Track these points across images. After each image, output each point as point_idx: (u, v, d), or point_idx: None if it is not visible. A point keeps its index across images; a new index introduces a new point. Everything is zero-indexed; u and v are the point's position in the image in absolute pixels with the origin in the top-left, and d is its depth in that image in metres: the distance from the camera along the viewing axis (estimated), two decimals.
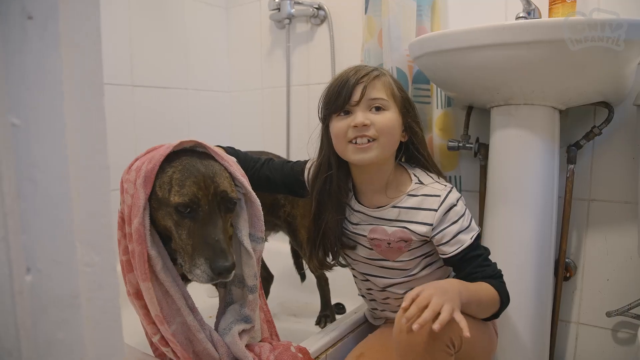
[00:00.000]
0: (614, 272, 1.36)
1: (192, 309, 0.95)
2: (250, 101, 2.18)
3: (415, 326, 0.80)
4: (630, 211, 1.32)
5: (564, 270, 1.38)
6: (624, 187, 1.32)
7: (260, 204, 0.99)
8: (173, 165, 0.90)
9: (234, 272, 0.88)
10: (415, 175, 1.07)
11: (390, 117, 1.01)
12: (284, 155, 1.95)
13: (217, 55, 2.19)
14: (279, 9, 1.93)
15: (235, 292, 1.01)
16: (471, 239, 1.01)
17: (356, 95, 1.00)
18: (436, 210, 1.01)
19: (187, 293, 0.96)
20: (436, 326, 0.79)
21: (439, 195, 1.02)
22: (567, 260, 1.40)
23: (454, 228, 1.01)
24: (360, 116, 0.99)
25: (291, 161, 1.23)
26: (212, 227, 0.88)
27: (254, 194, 0.98)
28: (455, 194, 1.03)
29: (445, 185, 1.05)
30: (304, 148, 1.98)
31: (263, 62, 2.11)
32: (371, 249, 1.10)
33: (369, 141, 0.99)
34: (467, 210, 1.04)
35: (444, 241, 1.01)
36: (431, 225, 1.01)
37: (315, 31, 1.92)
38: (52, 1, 0.39)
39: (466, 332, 0.79)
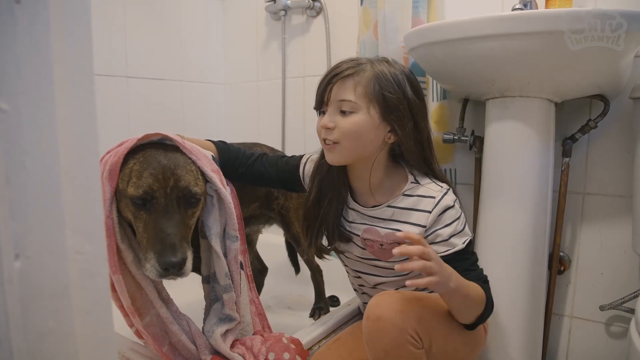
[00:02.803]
0: (608, 266, 1.37)
1: (166, 301, 0.95)
2: (245, 93, 2.17)
3: (396, 250, 0.82)
4: (624, 205, 1.33)
5: (558, 264, 1.38)
6: (619, 180, 1.33)
7: (231, 201, 0.97)
8: (135, 157, 0.89)
9: (185, 268, 0.86)
10: (411, 174, 1.05)
11: (355, 121, 0.96)
12: (279, 147, 1.94)
13: (212, 46, 2.17)
14: (274, 1, 1.91)
15: (218, 289, 1.00)
16: (463, 243, 0.99)
17: (326, 96, 0.99)
18: (430, 212, 0.99)
19: (161, 285, 0.96)
20: (409, 282, 0.81)
21: (433, 197, 1.00)
22: (561, 253, 1.40)
23: (447, 230, 0.99)
24: (325, 118, 0.99)
25: (286, 156, 1.21)
26: (166, 220, 0.86)
27: (224, 190, 0.96)
28: (450, 196, 1.01)
29: (442, 187, 1.02)
30: (299, 140, 1.99)
31: (258, 54, 2.10)
32: (364, 248, 1.08)
33: (334, 143, 0.98)
34: (463, 214, 1.02)
35: (436, 241, 0.99)
36: (424, 227, 1.00)
37: (311, 23, 1.91)
38: None
39: (408, 283, 0.81)
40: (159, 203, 0.87)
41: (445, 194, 1.01)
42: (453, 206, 1.00)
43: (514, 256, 1.20)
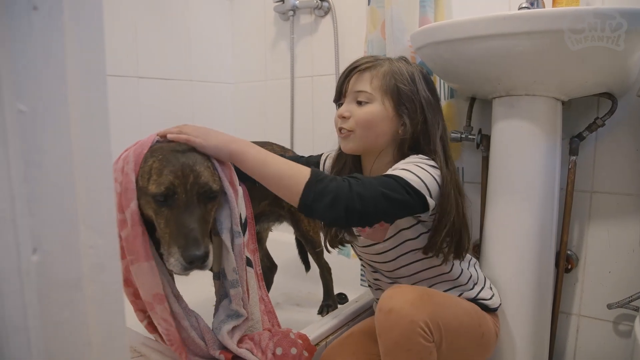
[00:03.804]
0: (615, 264, 1.37)
1: (177, 296, 0.98)
2: (254, 93, 2.19)
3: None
4: (632, 203, 1.32)
5: (565, 262, 1.38)
6: (627, 179, 1.32)
7: (235, 198, 0.99)
8: (154, 155, 0.92)
9: (208, 261, 0.88)
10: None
11: (369, 111, 1.01)
12: (288, 147, 1.95)
13: (221, 47, 2.20)
14: (283, 1, 1.93)
15: (226, 284, 1.02)
16: (403, 171, 0.92)
17: (344, 88, 1.06)
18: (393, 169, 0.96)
19: (172, 281, 0.99)
20: (171, 136, 0.94)
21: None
22: (568, 252, 1.40)
23: (400, 165, 0.95)
24: (342, 107, 1.05)
25: (304, 156, 1.25)
26: (187, 216, 0.88)
27: (230, 187, 0.99)
28: (421, 157, 0.98)
29: (418, 155, 1.00)
30: (308, 140, 2.00)
31: (267, 53, 2.12)
32: (359, 235, 1.10)
33: (348, 131, 1.03)
34: (429, 173, 0.94)
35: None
36: None
37: (319, 23, 1.92)
38: None
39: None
40: (180, 199, 0.89)
41: (417, 156, 0.99)
42: (417, 160, 0.97)
43: (521, 254, 1.21)
